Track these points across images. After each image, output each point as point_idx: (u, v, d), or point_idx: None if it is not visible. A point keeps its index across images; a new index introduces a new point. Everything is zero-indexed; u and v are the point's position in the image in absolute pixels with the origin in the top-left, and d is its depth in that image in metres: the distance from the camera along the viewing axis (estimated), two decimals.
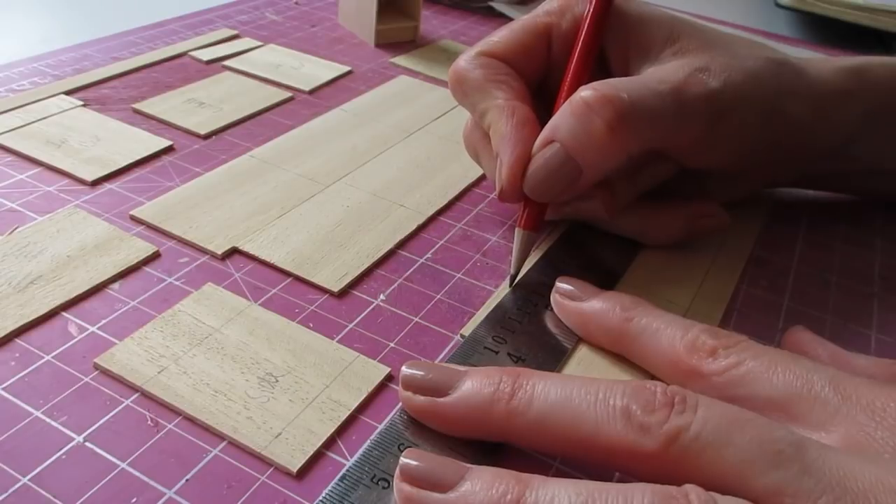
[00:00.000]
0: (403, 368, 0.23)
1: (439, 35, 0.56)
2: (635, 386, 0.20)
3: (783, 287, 0.32)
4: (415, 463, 0.19)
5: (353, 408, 0.23)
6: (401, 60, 0.50)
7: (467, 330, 0.27)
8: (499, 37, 0.32)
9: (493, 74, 0.31)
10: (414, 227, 0.33)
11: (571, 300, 0.27)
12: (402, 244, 0.32)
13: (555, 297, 0.27)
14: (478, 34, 0.57)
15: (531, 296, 0.28)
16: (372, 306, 0.28)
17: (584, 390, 0.20)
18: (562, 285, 0.27)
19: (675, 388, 0.20)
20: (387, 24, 0.52)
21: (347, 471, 0.20)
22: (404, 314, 0.28)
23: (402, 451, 0.20)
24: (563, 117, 0.28)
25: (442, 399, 0.21)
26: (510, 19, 0.60)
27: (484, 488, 0.18)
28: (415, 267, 0.30)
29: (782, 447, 0.18)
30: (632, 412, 0.19)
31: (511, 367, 0.23)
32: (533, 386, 0.21)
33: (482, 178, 0.37)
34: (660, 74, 0.29)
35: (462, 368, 0.22)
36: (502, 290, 0.29)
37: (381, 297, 0.29)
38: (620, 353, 0.26)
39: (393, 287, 0.29)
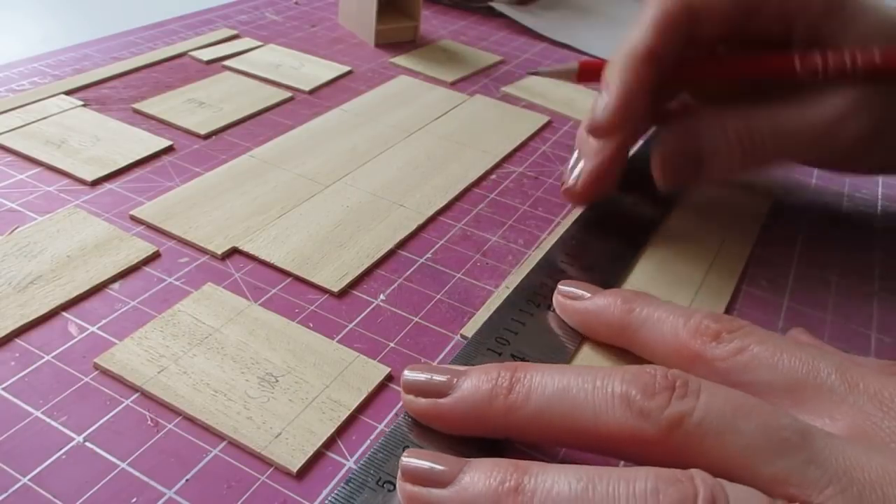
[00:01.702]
0: (405, 372, 0.22)
1: (439, 35, 0.56)
2: (634, 371, 0.20)
3: (783, 287, 0.32)
4: (415, 461, 0.19)
5: (353, 408, 0.23)
6: (401, 60, 0.50)
7: (467, 330, 0.27)
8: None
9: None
10: (414, 227, 0.33)
11: (573, 300, 0.27)
12: (402, 244, 0.32)
13: (557, 299, 0.27)
14: (478, 34, 0.57)
15: (533, 297, 0.28)
16: (372, 306, 0.28)
17: (581, 379, 0.20)
18: (564, 287, 0.27)
19: (676, 371, 0.20)
20: (387, 24, 0.52)
21: (353, 474, 0.20)
22: (404, 314, 0.28)
23: None
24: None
25: (443, 400, 0.21)
26: (510, 19, 0.60)
27: (482, 478, 0.18)
28: (415, 267, 0.30)
29: (788, 435, 0.18)
30: (631, 398, 0.19)
31: (510, 361, 0.23)
32: (530, 378, 0.21)
33: (482, 178, 0.37)
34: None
35: (462, 368, 0.22)
36: (502, 291, 0.29)
37: (381, 297, 0.29)
38: (624, 347, 0.26)
39: (393, 287, 0.29)
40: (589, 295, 0.26)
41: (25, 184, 0.33)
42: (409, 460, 0.19)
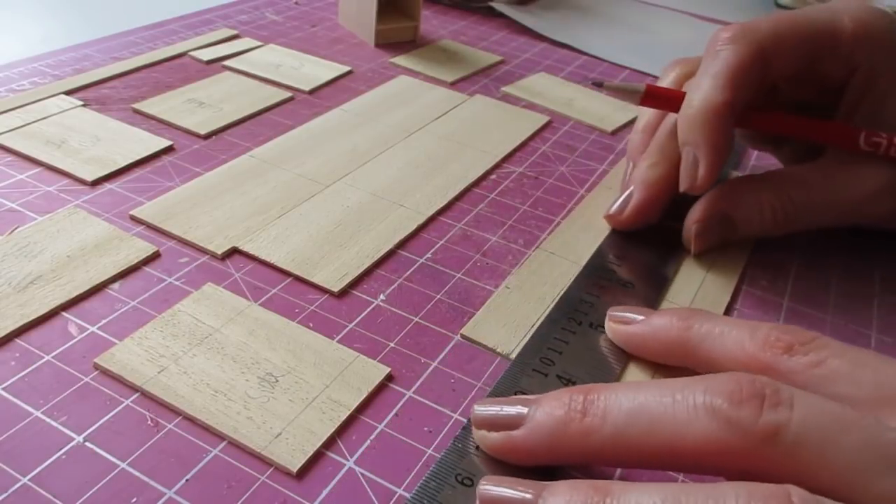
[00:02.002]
0: (475, 407, 0.22)
1: (439, 35, 0.56)
2: (717, 379, 0.19)
3: (783, 287, 0.32)
4: (494, 489, 0.19)
5: (353, 408, 0.23)
6: (401, 60, 0.50)
7: (467, 330, 0.27)
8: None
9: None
10: (414, 227, 0.33)
11: (627, 325, 0.26)
12: (402, 244, 0.32)
13: (609, 325, 0.26)
14: (477, 34, 0.57)
15: (574, 314, 0.28)
16: (372, 306, 0.28)
17: (658, 393, 0.19)
18: (615, 313, 0.26)
19: (764, 378, 0.18)
20: (387, 24, 0.52)
21: None
22: (404, 314, 0.28)
23: (459, 482, 0.20)
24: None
25: (516, 432, 0.21)
26: (510, 19, 0.60)
27: (563, 503, 0.18)
28: (415, 267, 0.30)
29: (894, 451, 0.17)
30: (717, 407, 0.18)
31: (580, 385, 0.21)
32: (605, 399, 0.20)
33: (482, 178, 0.37)
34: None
35: (532, 397, 0.21)
36: (503, 291, 0.29)
37: (381, 297, 0.29)
38: (684, 365, 0.25)
39: (393, 287, 0.29)
40: (642, 318, 0.26)
41: (25, 184, 0.33)
42: (488, 488, 0.19)
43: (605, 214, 0.34)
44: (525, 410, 0.21)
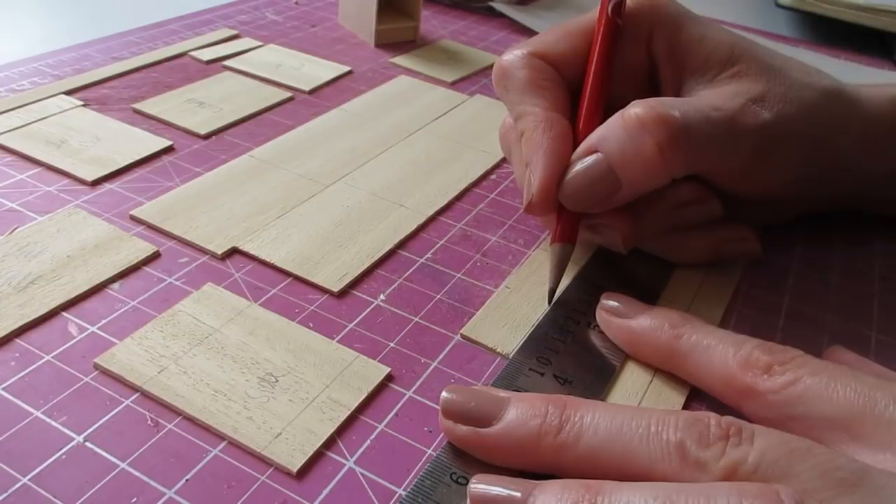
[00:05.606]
0: (443, 394, 0.22)
1: (439, 35, 0.56)
2: (688, 418, 0.20)
3: (783, 287, 0.32)
4: (483, 487, 0.19)
5: (353, 408, 0.23)
6: (401, 60, 0.50)
7: (467, 330, 0.27)
8: (551, 37, 0.31)
9: (538, 79, 0.30)
10: (414, 227, 0.33)
11: (618, 317, 0.26)
12: (402, 244, 0.32)
13: (601, 315, 0.27)
14: (477, 34, 0.57)
15: (571, 314, 0.28)
16: (372, 306, 0.28)
17: (634, 423, 0.20)
18: (607, 302, 0.27)
19: (730, 418, 0.19)
20: (387, 24, 0.52)
21: (402, 501, 0.20)
22: (404, 314, 0.28)
23: (454, 480, 0.20)
24: (611, 130, 0.27)
25: (486, 430, 0.21)
26: (510, 19, 0.60)
27: (553, 501, 0.18)
28: (415, 267, 0.30)
29: (845, 475, 0.17)
30: (686, 448, 0.19)
31: (556, 394, 0.22)
32: (581, 418, 0.20)
33: (482, 178, 0.37)
34: (715, 100, 0.28)
35: (504, 394, 0.21)
36: (503, 291, 0.29)
37: (381, 297, 0.29)
38: (671, 372, 0.25)
39: (393, 287, 0.29)
40: (633, 313, 0.26)
41: (25, 184, 0.33)
42: (478, 486, 0.19)
43: (524, 207, 0.29)
44: (497, 410, 0.21)
